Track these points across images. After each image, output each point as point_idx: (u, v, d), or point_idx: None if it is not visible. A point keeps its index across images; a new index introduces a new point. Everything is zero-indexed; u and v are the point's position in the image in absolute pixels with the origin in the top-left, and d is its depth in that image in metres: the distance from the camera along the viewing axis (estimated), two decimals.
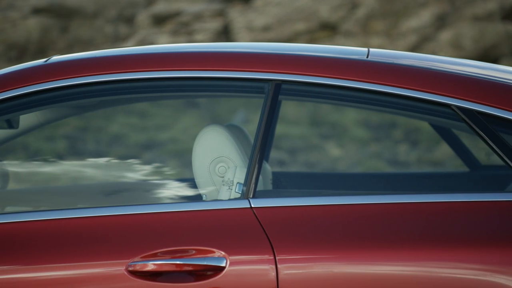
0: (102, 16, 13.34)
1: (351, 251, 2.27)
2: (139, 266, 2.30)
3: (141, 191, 3.26)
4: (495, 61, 12.33)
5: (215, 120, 9.95)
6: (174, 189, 3.15)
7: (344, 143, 9.83)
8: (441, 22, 12.73)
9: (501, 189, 3.07)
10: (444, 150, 9.11)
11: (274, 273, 2.27)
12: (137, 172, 3.59)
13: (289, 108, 10.17)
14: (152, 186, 3.28)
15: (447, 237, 2.26)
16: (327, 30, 12.98)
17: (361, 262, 2.26)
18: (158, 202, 2.97)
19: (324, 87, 2.45)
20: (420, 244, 2.26)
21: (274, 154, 9.09)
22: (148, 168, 4.15)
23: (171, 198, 3.09)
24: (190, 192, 3.05)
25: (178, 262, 2.29)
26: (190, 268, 2.29)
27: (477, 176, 3.28)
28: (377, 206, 2.31)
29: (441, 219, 2.28)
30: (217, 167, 2.57)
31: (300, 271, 2.27)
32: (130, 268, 2.30)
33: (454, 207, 2.29)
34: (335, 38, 12.76)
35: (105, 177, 3.42)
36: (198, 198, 2.64)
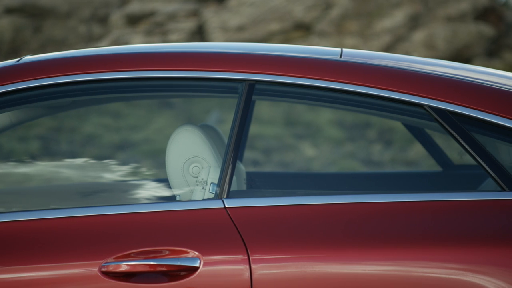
0: (75, 16, 13.28)
1: (325, 251, 2.27)
2: (112, 266, 2.29)
3: (115, 191, 3.25)
4: (467, 61, 12.40)
5: (190, 120, 9.94)
6: (148, 190, 3.14)
7: (319, 143, 9.85)
8: (414, 22, 12.79)
9: (473, 188, 3.09)
10: (417, 150, 9.15)
11: (248, 273, 2.27)
12: (110, 172, 3.58)
13: (263, 108, 10.17)
14: (125, 187, 3.27)
15: (421, 236, 2.27)
16: (301, 30, 13.00)
17: (334, 261, 2.27)
18: (131, 202, 2.96)
19: (297, 87, 2.45)
20: (394, 243, 2.27)
21: (248, 154, 9.09)
22: (121, 168, 4.14)
23: (145, 199, 3.08)
24: (164, 192, 3.05)
25: (151, 263, 2.28)
26: (163, 269, 2.28)
27: (450, 176, 3.30)
28: (350, 206, 2.32)
29: (415, 218, 2.29)
30: (191, 168, 2.57)
31: (274, 271, 2.27)
32: (103, 269, 2.29)
33: (427, 206, 2.31)
34: (309, 38, 12.79)
35: (79, 177, 3.40)
36: (172, 198, 2.64)
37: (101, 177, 3.42)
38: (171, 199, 2.65)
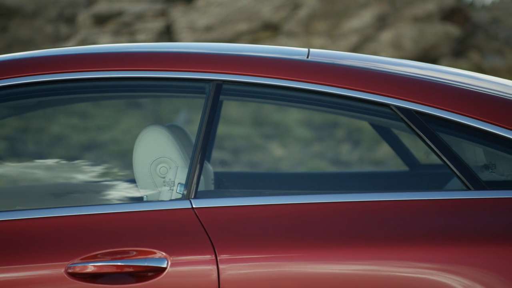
0: (42, 15, 13.19)
1: (293, 251, 2.28)
2: (78, 268, 2.28)
3: (82, 192, 3.23)
4: (434, 61, 12.49)
5: (158, 120, 9.91)
6: (115, 190, 3.13)
7: (287, 143, 9.87)
8: (381, 22, 12.85)
9: (440, 187, 3.11)
10: (385, 150, 9.19)
11: (215, 273, 2.27)
12: (77, 173, 3.56)
13: (232, 108, 10.17)
14: (92, 187, 3.26)
15: (387, 236, 2.28)
16: (269, 30, 13.01)
17: (302, 261, 2.27)
18: (98, 203, 2.94)
19: (265, 87, 2.45)
20: (361, 242, 2.27)
21: (217, 154, 9.08)
22: (89, 169, 4.12)
23: (112, 199, 3.07)
24: (131, 193, 3.03)
25: (118, 264, 2.28)
26: (130, 269, 2.27)
27: (416, 175, 3.32)
28: (318, 206, 2.32)
29: (382, 218, 2.30)
30: (158, 168, 2.56)
31: (242, 271, 2.27)
32: (70, 270, 2.28)
33: (394, 205, 2.32)
34: (278, 38, 12.80)
35: (45, 178, 3.38)
36: (139, 199, 2.63)
37: (68, 177, 3.40)
38: (139, 199, 2.64)
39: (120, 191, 3.13)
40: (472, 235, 2.26)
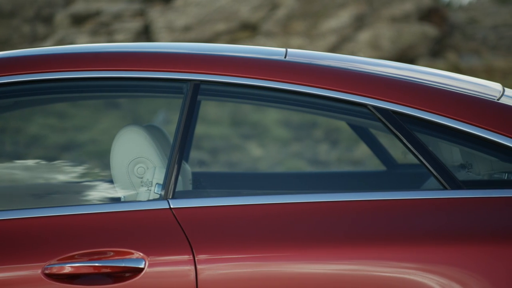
0: (19, 15, 13.12)
1: (271, 251, 2.28)
2: (55, 269, 2.27)
3: (59, 192, 3.22)
4: (412, 61, 12.53)
5: (136, 121, 9.88)
6: (92, 191, 3.12)
7: (265, 143, 9.88)
8: (359, 22, 12.89)
9: (417, 187, 3.12)
10: (363, 150, 9.22)
11: (193, 274, 2.27)
12: (55, 173, 3.54)
13: (210, 108, 10.16)
14: (70, 188, 3.24)
15: (365, 235, 2.29)
16: (248, 30, 13.02)
17: (280, 261, 2.27)
18: (76, 203, 2.93)
19: (242, 87, 2.45)
20: (340, 242, 2.28)
21: (195, 154, 9.07)
22: (66, 169, 4.10)
23: (89, 200, 3.06)
24: (108, 193, 3.03)
25: (96, 264, 2.27)
26: (108, 270, 2.27)
27: (394, 175, 3.33)
28: (296, 206, 2.33)
29: (360, 217, 2.31)
30: (135, 168, 2.56)
31: (220, 271, 2.27)
32: (47, 271, 2.27)
33: (372, 205, 2.32)
34: (256, 38, 12.81)
35: (22, 178, 3.37)
36: (116, 199, 2.62)
37: (45, 178, 3.38)
38: (116, 200, 2.63)
39: (98, 191, 3.12)
40: (449, 234, 2.28)
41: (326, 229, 2.29)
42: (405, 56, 12.62)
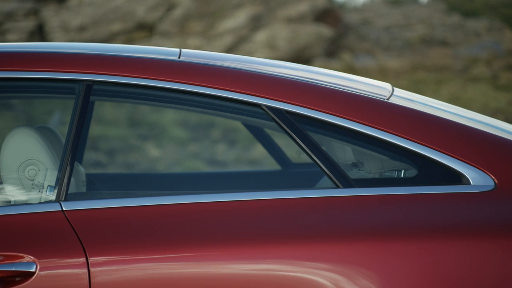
0: None
1: (165, 251, 2.27)
2: None
3: None
4: (308, 61, 12.69)
5: (31, 122, 9.70)
6: None
7: (163, 144, 9.84)
8: (256, 23, 12.97)
9: (311, 186, 3.16)
10: (260, 149, 9.28)
11: (86, 276, 2.24)
12: None
13: (107, 109, 10.06)
14: None
15: (261, 234, 2.30)
16: (144, 30, 12.94)
17: (175, 262, 2.26)
18: None
19: (136, 88, 2.44)
20: (236, 242, 2.28)
21: (91, 155, 8.97)
22: None
23: None
24: None
25: None
26: None
27: (288, 174, 3.36)
28: (193, 206, 2.32)
29: (256, 216, 2.32)
30: (26, 170, 2.51)
31: (114, 274, 2.25)
32: None
33: (268, 204, 2.34)
34: (153, 38, 12.74)
35: None
36: (6, 202, 2.57)
37: None
38: (6, 203, 2.58)
39: None
40: (341, 232, 2.31)
41: (223, 228, 2.30)
42: (301, 56, 12.76)
